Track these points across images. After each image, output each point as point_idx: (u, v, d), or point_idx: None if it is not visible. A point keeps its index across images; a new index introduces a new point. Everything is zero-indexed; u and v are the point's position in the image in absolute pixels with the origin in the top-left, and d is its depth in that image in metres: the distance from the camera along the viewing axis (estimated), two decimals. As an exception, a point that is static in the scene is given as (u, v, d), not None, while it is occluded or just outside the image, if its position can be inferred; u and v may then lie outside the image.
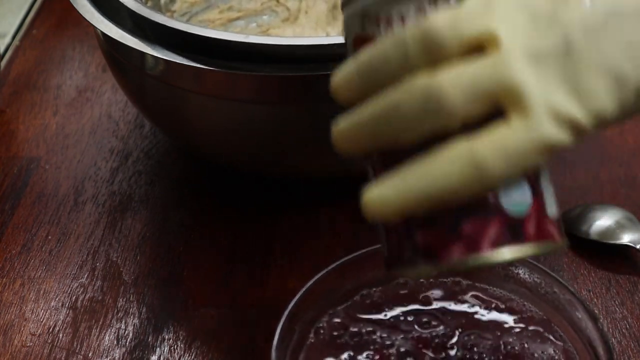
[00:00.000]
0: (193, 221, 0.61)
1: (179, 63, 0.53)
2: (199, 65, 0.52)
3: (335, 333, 0.46)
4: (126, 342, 0.53)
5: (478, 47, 0.34)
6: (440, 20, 0.34)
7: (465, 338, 0.46)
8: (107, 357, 0.52)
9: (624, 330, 0.52)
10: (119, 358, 0.52)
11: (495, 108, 0.34)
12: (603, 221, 0.58)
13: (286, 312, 0.46)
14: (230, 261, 0.58)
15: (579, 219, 0.58)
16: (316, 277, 0.48)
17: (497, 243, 0.36)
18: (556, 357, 0.45)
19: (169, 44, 0.54)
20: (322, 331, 0.47)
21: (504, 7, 0.34)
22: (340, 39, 0.41)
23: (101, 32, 0.56)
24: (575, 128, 0.34)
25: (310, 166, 0.60)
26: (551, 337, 0.46)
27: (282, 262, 0.58)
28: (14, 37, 0.84)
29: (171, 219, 0.62)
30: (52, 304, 0.55)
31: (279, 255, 0.58)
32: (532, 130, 0.34)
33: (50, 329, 0.54)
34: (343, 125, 0.36)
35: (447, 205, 0.35)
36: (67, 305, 0.55)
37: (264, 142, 0.57)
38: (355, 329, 0.46)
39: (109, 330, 0.53)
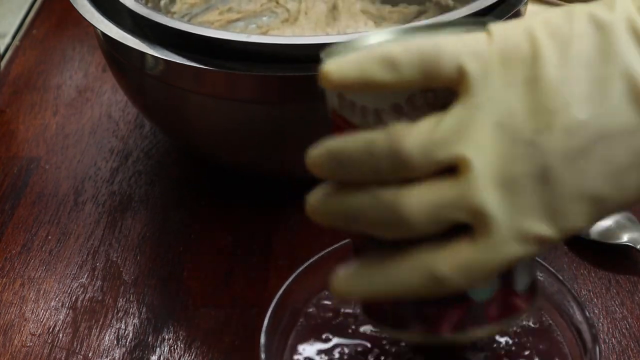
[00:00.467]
0: (193, 221, 0.61)
1: (179, 63, 0.53)
2: (199, 65, 0.52)
3: (323, 314, 0.47)
4: (126, 342, 0.53)
5: (450, 166, 0.33)
6: (411, 142, 0.33)
7: None
8: (107, 357, 0.52)
9: (624, 330, 0.52)
10: (119, 358, 0.52)
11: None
12: (603, 221, 0.57)
13: (276, 299, 0.46)
14: (230, 261, 0.58)
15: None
16: (308, 262, 0.48)
17: (458, 327, 0.37)
18: (536, 329, 0.45)
19: (169, 44, 0.54)
20: (311, 314, 0.47)
21: (482, 129, 0.33)
22: (341, 38, 0.41)
23: (101, 32, 0.56)
24: (543, 242, 0.34)
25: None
26: (538, 319, 0.46)
27: (282, 262, 0.58)
28: (14, 37, 0.83)
29: (171, 219, 0.62)
30: (52, 304, 0.55)
31: (279, 255, 0.58)
32: (496, 252, 0.33)
33: (50, 329, 0.54)
34: (314, 203, 0.37)
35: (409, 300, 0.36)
36: (67, 305, 0.55)
37: (264, 142, 0.57)
38: (349, 311, 0.47)
39: (109, 330, 0.53)
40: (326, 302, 0.47)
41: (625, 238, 0.56)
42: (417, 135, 0.33)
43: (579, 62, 0.33)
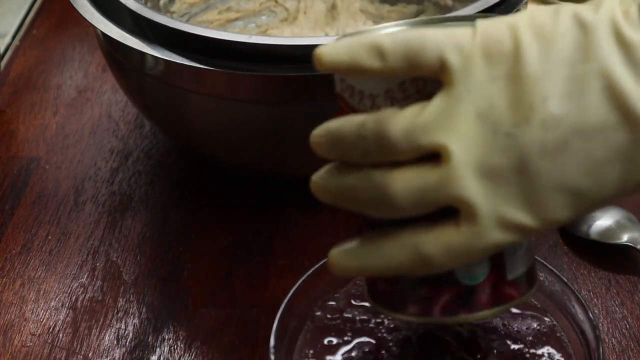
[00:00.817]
0: (193, 221, 0.61)
1: (179, 63, 0.53)
2: (199, 65, 0.52)
3: (329, 316, 0.47)
4: (126, 342, 0.53)
5: (433, 152, 0.35)
6: (395, 127, 0.35)
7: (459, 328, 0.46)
8: (107, 357, 0.52)
9: (624, 330, 0.52)
10: (119, 358, 0.52)
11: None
12: (603, 221, 0.58)
13: (284, 303, 0.46)
14: (230, 261, 0.58)
15: (579, 219, 0.58)
16: (313, 268, 0.48)
17: (449, 310, 0.38)
18: (541, 329, 0.45)
19: (169, 44, 0.54)
20: (318, 316, 0.47)
21: (463, 119, 0.34)
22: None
23: (101, 32, 0.56)
24: (524, 231, 0.35)
25: (310, 166, 0.59)
26: (543, 319, 0.46)
27: (282, 262, 0.58)
28: (14, 37, 0.83)
29: (171, 219, 0.62)
30: (52, 304, 0.55)
31: (279, 255, 0.58)
32: (478, 237, 0.35)
33: (50, 329, 0.54)
34: (317, 181, 0.39)
35: (407, 277, 0.38)
36: (67, 305, 0.55)
37: (264, 142, 0.57)
38: (349, 315, 0.47)
39: (109, 330, 0.53)
40: (332, 303, 0.47)
41: (625, 238, 0.56)
42: (401, 120, 0.35)
43: (559, 59, 0.35)
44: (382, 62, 0.35)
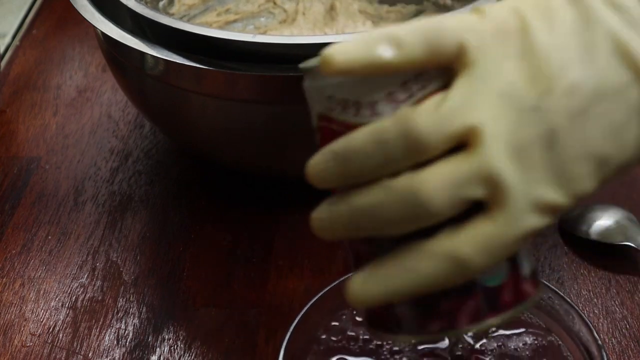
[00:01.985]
0: (193, 221, 0.61)
1: (179, 63, 0.53)
2: (199, 65, 0.52)
3: (333, 338, 0.47)
4: (126, 342, 0.53)
5: (461, 142, 0.34)
6: (423, 119, 0.33)
7: (465, 343, 0.46)
8: (107, 357, 0.52)
9: (624, 330, 0.52)
10: (119, 358, 0.52)
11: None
12: (603, 221, 0.58)
13: (289, 333, 0.45)
14: (230, 261, 0.58)
15: (579, 219, 0.58)
16: (316, 297, 0.47)
17: (475, 317, 0.37)
18: (545, 348, 0.45)
19: (169, 44, 0.54)
20: (324, 339, 0.47)
21: (487, 100, 0.34)
22: (344, 38, 0.41)
23: (101, 32, 0.56)
24: (555, 210, 0.34)
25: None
26: (547, 338, 0.46)
27: (282, 262, 0.58)
28: (14, 37, 0.84)
29: (171, 219, 0.62)
30: (52, 304, 0.55)
31: (279, 255, 0.58)
32: (514, 224, 0.33)
33: (50, 329, 0.54)
34: (321, 216, 0.36)
35: (427, 294, 0.35)
36: (67, 305, 0.55)
37: (264, 142, 0.57)
38: (353, 333, 0.46)
39: (109, 330, 0.53)
40: (335, 323, 0.47)
41: (625, 238, 0.56)
42: (425, 113, 0.33)
43: (565, 30, 0.35)
44: (402, 52, 0.34)
